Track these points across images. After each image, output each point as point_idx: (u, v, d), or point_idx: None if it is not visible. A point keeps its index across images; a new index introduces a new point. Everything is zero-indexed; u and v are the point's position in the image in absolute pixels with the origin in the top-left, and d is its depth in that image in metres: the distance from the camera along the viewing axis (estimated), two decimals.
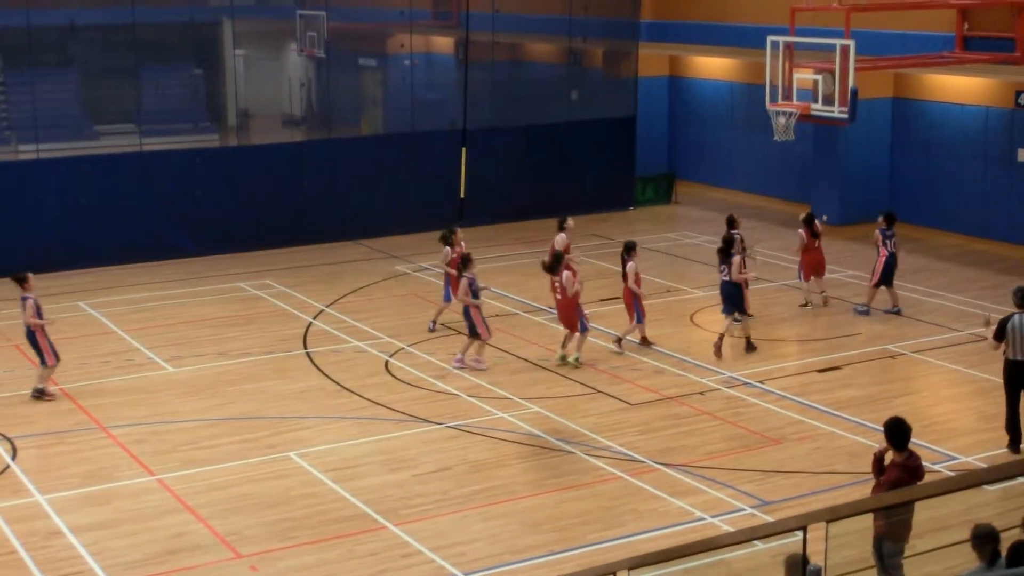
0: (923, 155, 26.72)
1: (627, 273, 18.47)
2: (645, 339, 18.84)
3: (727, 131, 31.01)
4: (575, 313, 17.99)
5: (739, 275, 18.41)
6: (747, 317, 18.89)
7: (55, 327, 17.54)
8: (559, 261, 18.14)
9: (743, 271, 18.47)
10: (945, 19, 23.32)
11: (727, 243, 18.57)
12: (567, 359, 17.96)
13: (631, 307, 18.62)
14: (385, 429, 15.70)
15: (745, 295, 18.58)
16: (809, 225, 20.60)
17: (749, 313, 18.96)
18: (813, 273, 20.77)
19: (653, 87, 31.57)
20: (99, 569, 12.16)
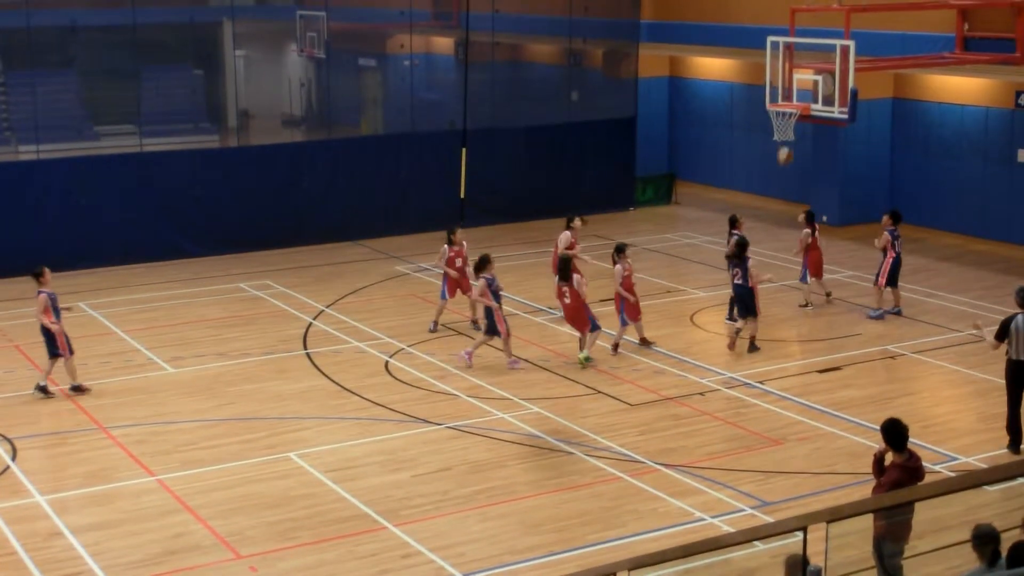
0: (923, 155, 26.72)
1: (614, 275, 18.44)
2: (645, 339, 18.82)
3: (727, 131, 31.00)
4: (584, 315, 17.98)
5: (759, 279, 18.38)
6: (752, 318, 18.87)
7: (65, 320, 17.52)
8: (568, 266, 18.12)
9: (760, 276, 18.48)
10: (945, 19, 23.29)
11: (741, 246, 18.52)
12: (589, 359, 17.94)
13: (617, 310, 18.59)
14: (385, 430, 15.70)
15: (756, 298, 18.57)
16: (812, 222, 20.60)
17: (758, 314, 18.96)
18: (815, 273, 20.77)
19: (653, 87, 31.57)
20: (99, 570, 12.15)
